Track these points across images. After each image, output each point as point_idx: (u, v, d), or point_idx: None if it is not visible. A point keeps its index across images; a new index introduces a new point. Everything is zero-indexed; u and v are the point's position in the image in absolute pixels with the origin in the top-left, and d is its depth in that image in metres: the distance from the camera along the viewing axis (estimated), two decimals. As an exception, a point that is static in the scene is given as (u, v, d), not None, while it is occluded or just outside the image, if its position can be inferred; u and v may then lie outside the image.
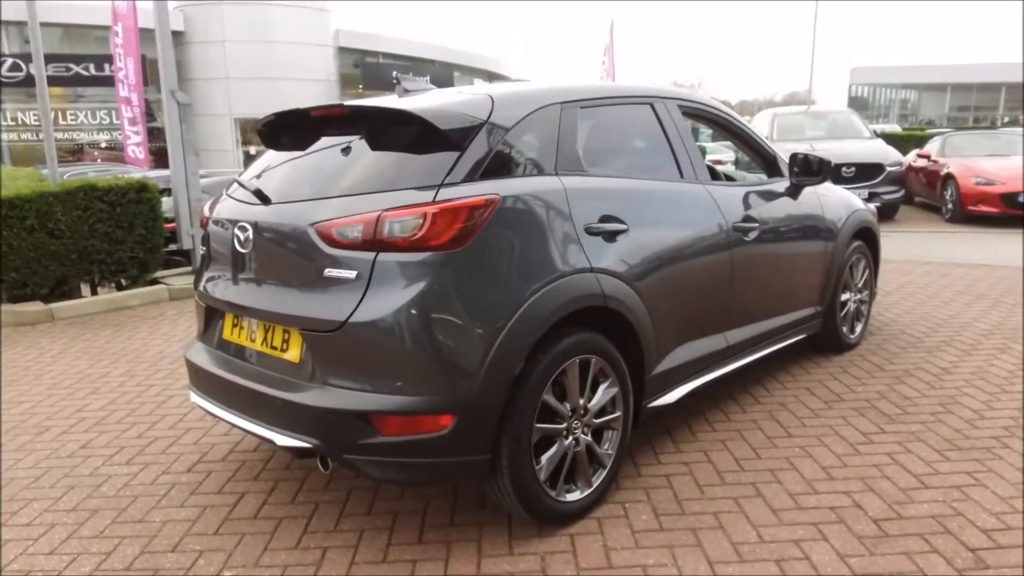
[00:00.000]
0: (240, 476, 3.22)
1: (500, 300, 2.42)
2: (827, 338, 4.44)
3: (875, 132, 12.41)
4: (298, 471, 3.24)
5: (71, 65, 21.24)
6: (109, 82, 19.17)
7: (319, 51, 23.41)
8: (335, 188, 2.61)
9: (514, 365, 2.43)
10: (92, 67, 20.84)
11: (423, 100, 2.75)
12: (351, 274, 2.40)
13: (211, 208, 3.07)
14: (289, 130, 3.05)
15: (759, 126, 13.35)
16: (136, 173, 8.69)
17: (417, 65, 27.33)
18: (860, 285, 4.69)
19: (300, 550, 2.64)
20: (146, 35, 8.74)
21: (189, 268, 7.64)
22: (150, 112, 14.53)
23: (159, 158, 16.67)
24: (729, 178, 4.24)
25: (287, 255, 2.60)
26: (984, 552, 2.47)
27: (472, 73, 32.62)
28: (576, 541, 2.63)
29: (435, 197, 2.39)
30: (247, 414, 2.65)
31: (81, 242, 6.48)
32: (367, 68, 25.68)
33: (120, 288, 6.96)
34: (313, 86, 23.30)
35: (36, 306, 6.26)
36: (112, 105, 20.91)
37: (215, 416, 2.83)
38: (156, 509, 2.96)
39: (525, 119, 2.72)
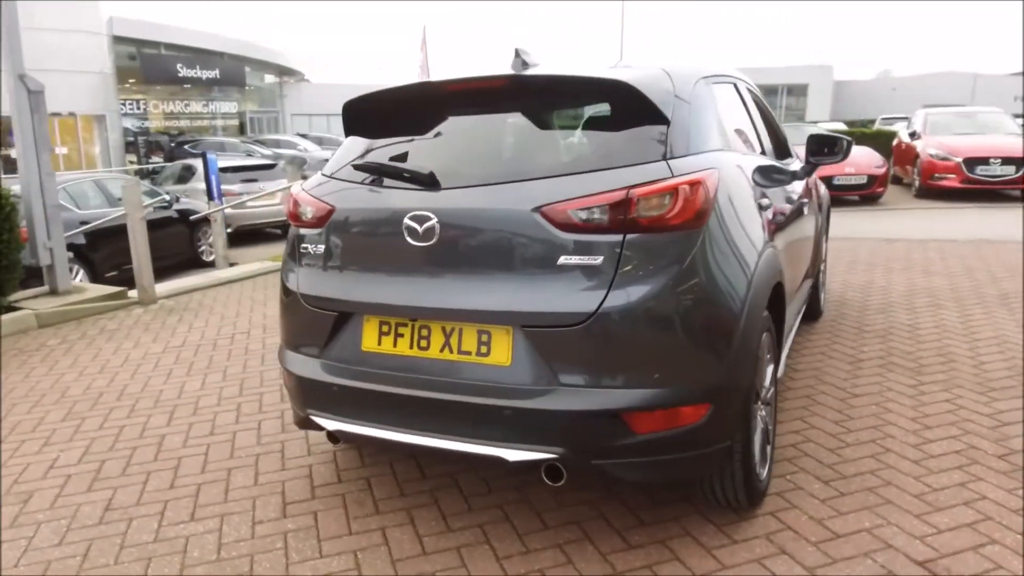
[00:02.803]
0: (359, 511, 2.77)
1: (738, 278, 2.33)
2: (812, 307, 4.81)
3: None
4: (422, 497, 2.86)
5: None
6: None
7: (90, 40, 20.46)
8: (535, 167, 2.33)
9: (755, 345, 2.35)
10: None
11: (602, 71, 2.54)
12: (595, 260, 2.15)
13: (321, 198, 2.58)
14: (395, 111, 2.67)
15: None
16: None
17: (203, 57, 24.98)
18: (823, 257, 5.13)
19: (514, 578, 2.34)
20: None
21: (46, 288, 6.37)
22: None
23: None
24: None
25: (498, 245, 2.26)
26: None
27: (263, 68, 30.55)
28: (782, 518, 2.60)
29: (672, 172, 2.22)
30: (450, 434, 2.28)
31: (-80, 263, 5.13)
32: (146, 60, 22.97)
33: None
34: (85, 79, 20.30)
35: None
36: None
37: (389, 443, 2.40)
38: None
39: (695, 93, 2.62)
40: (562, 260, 2.18)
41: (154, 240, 9.63)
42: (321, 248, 2.57)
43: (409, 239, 2.33)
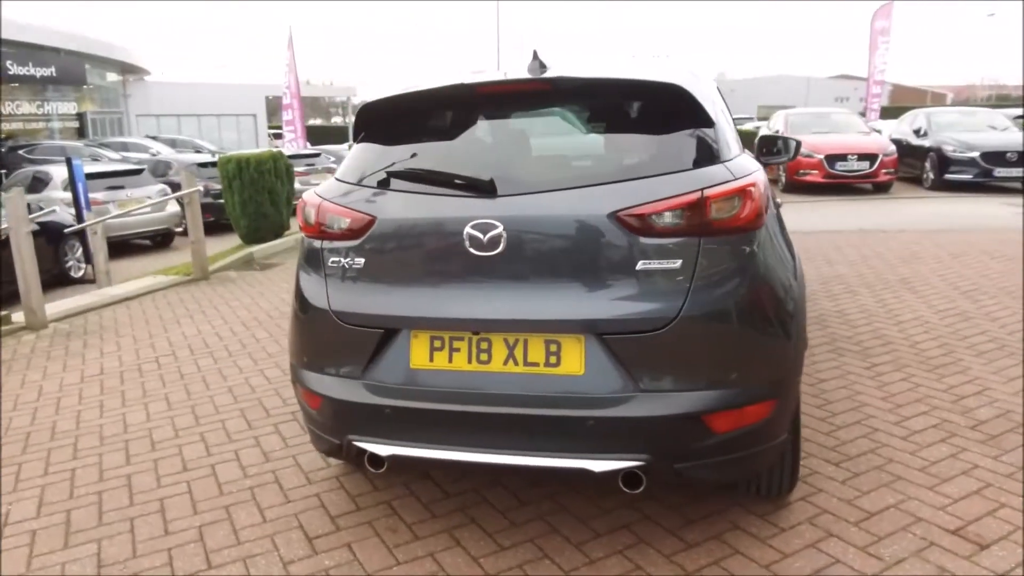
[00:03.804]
0: (396, 539, 2.61)
1: (791, 274, 2.41)
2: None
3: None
4: (456, 516, 2.74)
5: None
6: None
7: None
8: (596, 171, 2.29)
9: (805, 338, 2.43)
10: None
11: (646, 72, 2.52)
12: (674, 263, 2.15)
13: (356, 208, 2.40)
14: (421, 115, 2.55)
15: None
16: None
17: (37, 54, 22.52)
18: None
19: (591, 590, 2.29)
20: None
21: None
22: None
23: None
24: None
25: (571, 251, 2.20)
26: (1059, 432, 3.21)
27: (105, 65, 27.97)
28: (815, 502, 2.72)
29: (733, 174, 2.26)
30: (527, 449, 2.20)
31: None
32: (-32, 56, 20.42)
33: None
34: None
35: None
36: None
37: (454, 464, 2.28)
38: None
39: (717, 95, 2.68)
40: (641, 265, 2.16)
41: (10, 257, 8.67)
42: (359, 261, 2.39)
43: (471, 249, 2.22)
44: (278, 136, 34.65)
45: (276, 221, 9.75)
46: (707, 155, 2.30)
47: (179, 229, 12.32)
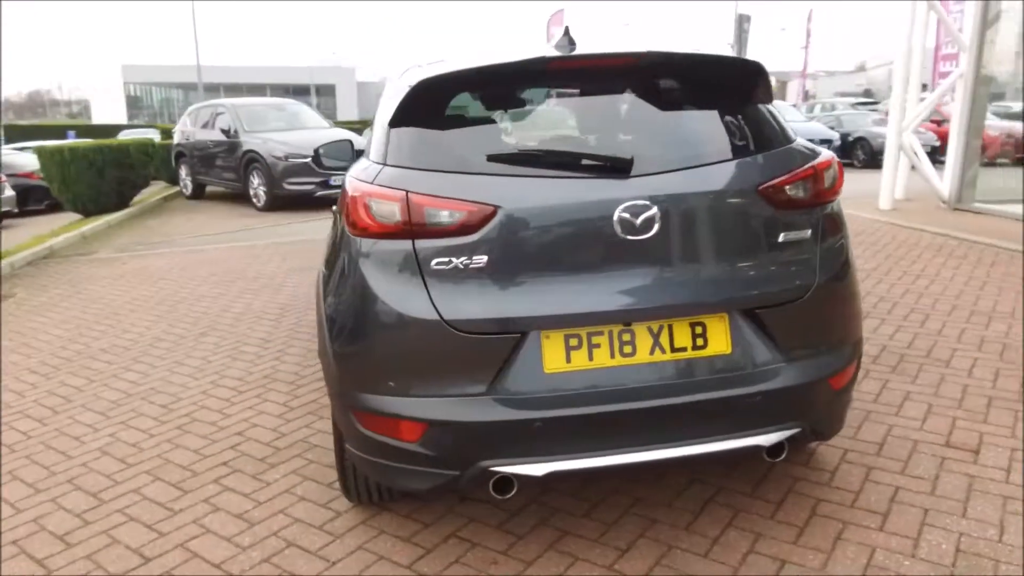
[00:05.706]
0: (503, 571, 2.31)
1: None
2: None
3: (333, 123, 13.41)
4: (546, 532, 2.51)
5: None
6: None
7: None
8: (713, 148, 2.25)
9: None
10: None
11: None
12: (806, 233, 2.24)
13: (469, 198, 2.05)
14: (496, 93, 2.30)
15: (199, 116, 12.83)
16: None
17: None
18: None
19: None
20: None
21: None
22: None
23: None
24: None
25: (721, 228, 2.14)
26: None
27: None
28: (833, 442, 3.02)
29: (813, 149, 2.41)
30: (698, 436, 2.11)
31: None
32: None
33: None
34: None
35: None
36: None
37: (620, 468, 2.08)
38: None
39: None
40: (782, 237, 2.21)
41: None
42: (479, 259, 2.05)
43: (622, 234, 2.06)
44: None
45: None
46: (785, 131, 2.42)
47: None
